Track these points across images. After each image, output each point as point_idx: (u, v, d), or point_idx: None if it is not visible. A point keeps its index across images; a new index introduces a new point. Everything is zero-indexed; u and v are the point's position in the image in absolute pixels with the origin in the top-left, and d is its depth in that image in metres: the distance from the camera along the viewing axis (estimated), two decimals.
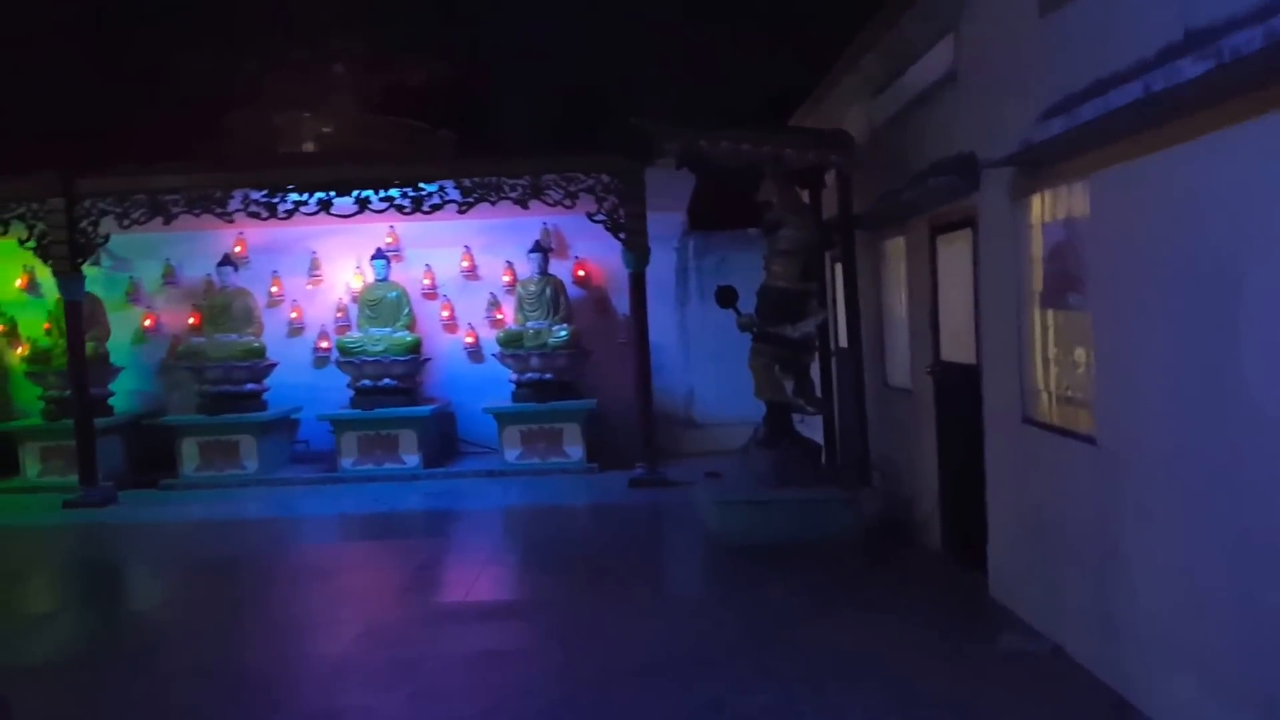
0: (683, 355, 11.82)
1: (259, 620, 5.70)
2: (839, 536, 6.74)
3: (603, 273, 11.59)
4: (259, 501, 9.37)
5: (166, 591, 6.48)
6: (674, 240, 11.75)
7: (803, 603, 5.60)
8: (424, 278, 11.48)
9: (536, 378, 10.66)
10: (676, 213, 11.47)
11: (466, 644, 5.10)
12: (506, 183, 9.58)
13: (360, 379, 10.58)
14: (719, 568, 6.58)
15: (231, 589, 6.37)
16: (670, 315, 11.70)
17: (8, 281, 11.18)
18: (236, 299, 10.88)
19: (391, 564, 7.02)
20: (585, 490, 9.52)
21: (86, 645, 5.32)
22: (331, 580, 6.54)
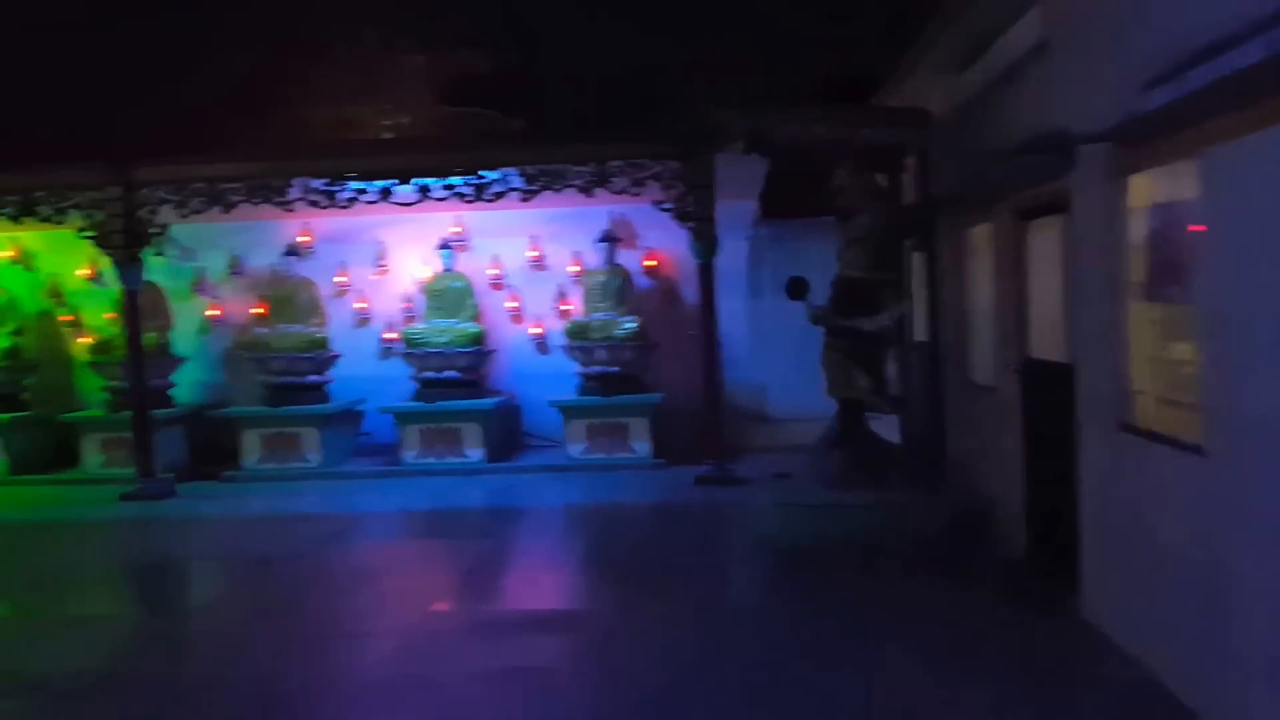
0: (755, 348, 11.45)
1: (289, 628, 5.57)
2: (913, 543, 6.35)
3: (673, 263, 11.30)
4: (317, 496, 9.37)
5: (202, 594, 6.45)
6: (746, 230, 11.39)
7: (871, 617, 5.25)
8: (491, 268, 11.36)
9: (602, 370, 10.44)
10: (748, 201, 11.09)
11: (499, 659, 4.88)
12: (571, 170, 9.37)
13: (424, 370, 10.51)
14: (782, 576, 6.26)
15: (271, 591, 6.28)
16: (742, 307, 11.34)
17: (73, 271, 11.42)
18: (301, 289, 10.92)
19: (440, 566, 6.88)
20: (650, 487, 9.27)
21: (99, 656, 5.18)
22: (375, 583, 6.41)
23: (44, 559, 7.50)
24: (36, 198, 9.38)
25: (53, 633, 5.57)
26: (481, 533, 7.79)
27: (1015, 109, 6.02)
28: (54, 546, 8.05)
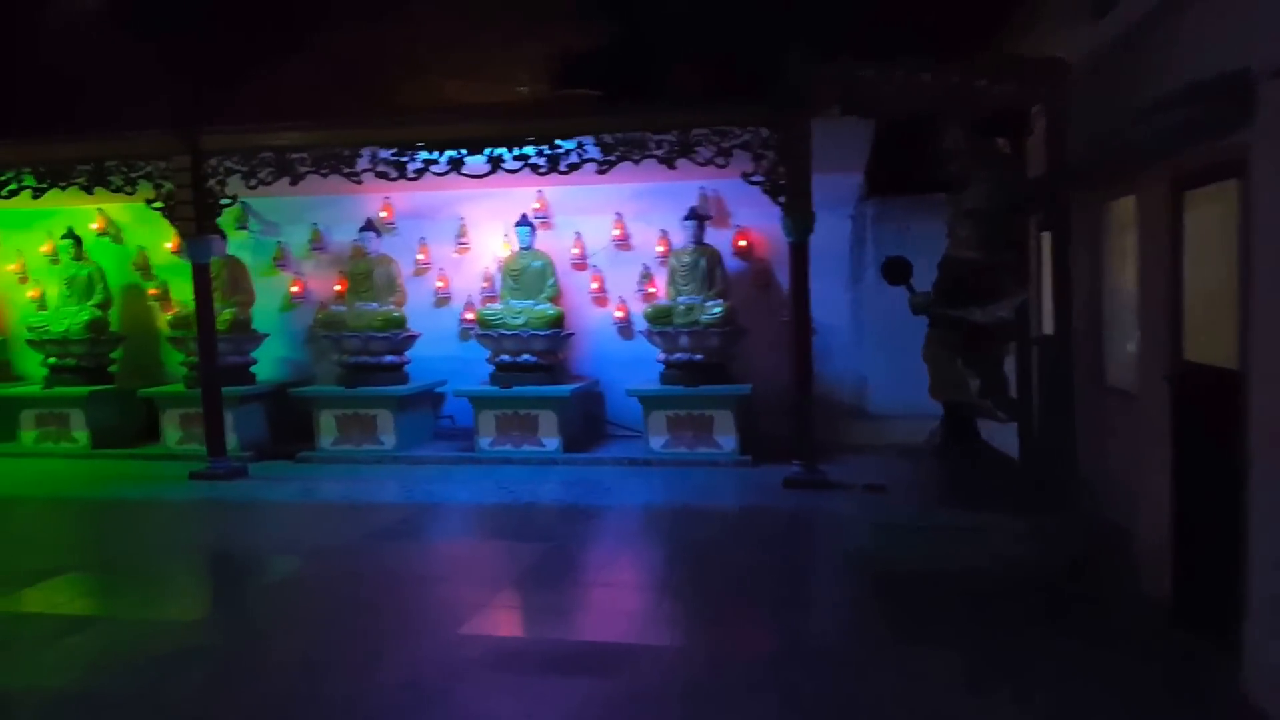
0: (855, 337, 10.33)
1: (296, 644, 4.88)
2: (1030, 575, 5.24)
3: (767, 243, 10.27)
4: (387, 482, 8.79)
5: (226, 594, 5.79)
6: (848, 206, 10.25)
7: (974, 669, 4.22)
8: (573, 246, 10.56)
9: (686, 358, 9.52)
10: (851, 174, 9.96)
11: (520, 706, 4.06)
12: (652, 139, 8.43)
13: (499, 354, 9.81)
14: (873, 610, 5.23)
15: (295, 595, 5.62)
16: (842, 292, 10.24)
17: (161, 244, 11.16)
18: (378, 266, 10.36)
19: (490, 572, 6.09)
20: (733, 488, 8.32)
21: (84, 668, 4.60)
22: (412, 590, 5.69)
23: (85, 541, 7.08)
24: (108, 167, 9.02)
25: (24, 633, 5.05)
26: (544, 534, 7.00)
27: (1171, 52, 4.79)
28: (100, 527, 7.67)
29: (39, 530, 7.57)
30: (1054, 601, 5.04)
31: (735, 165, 8.39)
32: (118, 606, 5.41)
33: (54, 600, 5.60)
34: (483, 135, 8.57)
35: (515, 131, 8.55)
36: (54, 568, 6.21)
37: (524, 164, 8.64)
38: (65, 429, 10.50)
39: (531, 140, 8.58)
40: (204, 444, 9.54)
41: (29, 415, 10.57)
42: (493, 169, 8.68)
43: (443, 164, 8.71)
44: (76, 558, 6.46)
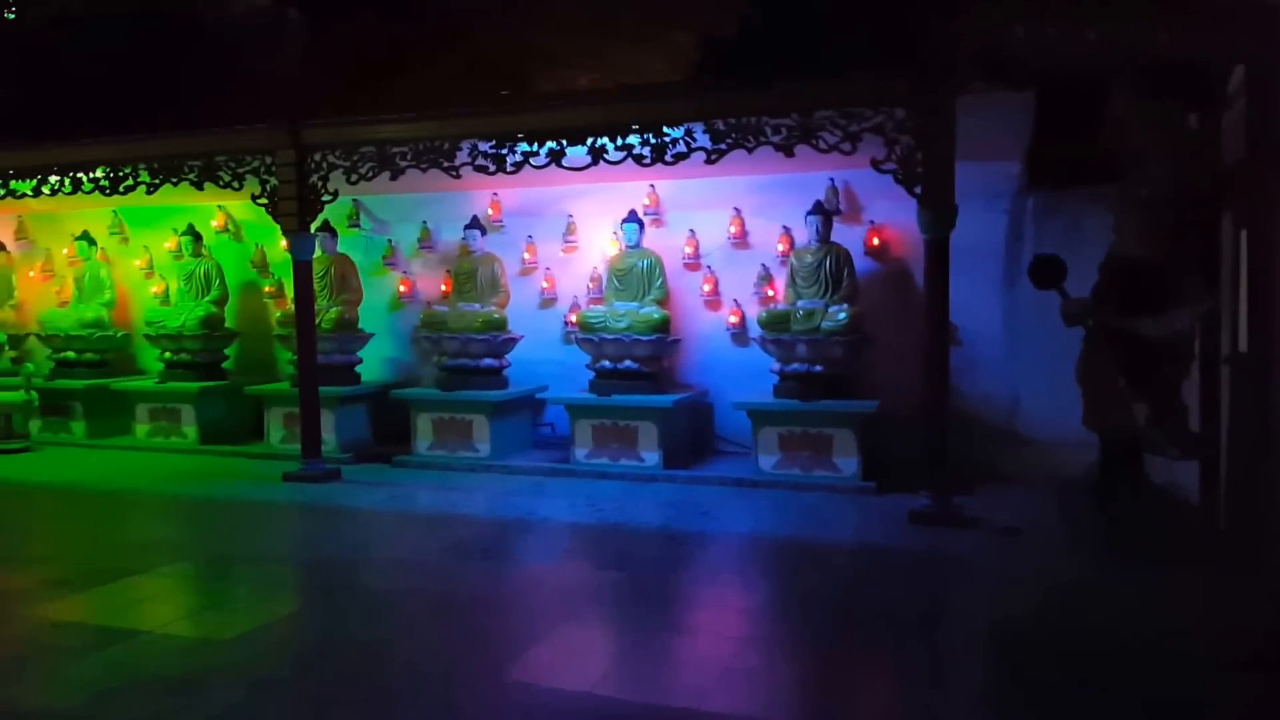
0: (1008, 349, 9.06)
1: (316, 675, 4.27)
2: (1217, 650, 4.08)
3: (905, 242, 9.17)
4: (475, 492, 8.24)
5: (271, 610, 5.22)
6: (1003, 199, 9.01)
7: None
8: (686, 245, 9.77)
9: (803, 369, 8.56)
10: (1007, 162, 8.74)
11: None
12: (768, 124, 7.54)
13: (599, 359, 9.13)
14: (1015, 692, 4.16)
15: (340, 616, 5.06)
16: (994, 297, 9.01)
17: (278, 241, 11.04)
18: (482, 265, 9.87)
19: (558, 602, 5.33)
20: (851, 520, 7.30)
21: (95, 691, 4.12)
22: (469, 617, 5.03)
23: (156, 543, 6.78)
24: (217, 162, 8.88)
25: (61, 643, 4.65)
26: (627, 561, 6.23)
27: None
28: (177, 528, 7.41)
29: (117, 528, 7.39)
30: (1244, 680, 3.88)
31: (865, 151, 7.40)
32: (162, 618, 4.99)
33: (104, 607, 5.26)
34: (583, 123, 7.90)
35: (617, 118, 7.84)
36: (117, 569, 5.93)
37: (627, 154, 7.92)
38: (176, 424, 10.51)
39: (636, 129, 7.85)
40: None
41: (143, 409, 10.65)
42: (594, 160, 8.00)
43: (542, 156, 8.09)
44: (141, 560, 6.15)
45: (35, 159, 9.46)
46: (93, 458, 10.06)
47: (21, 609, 5.19)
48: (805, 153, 7.55)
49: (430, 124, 8.24)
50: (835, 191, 9.24)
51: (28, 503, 8.34)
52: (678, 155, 7.83)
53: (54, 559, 6.29)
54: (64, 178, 9.42)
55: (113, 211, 11.85)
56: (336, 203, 10.46)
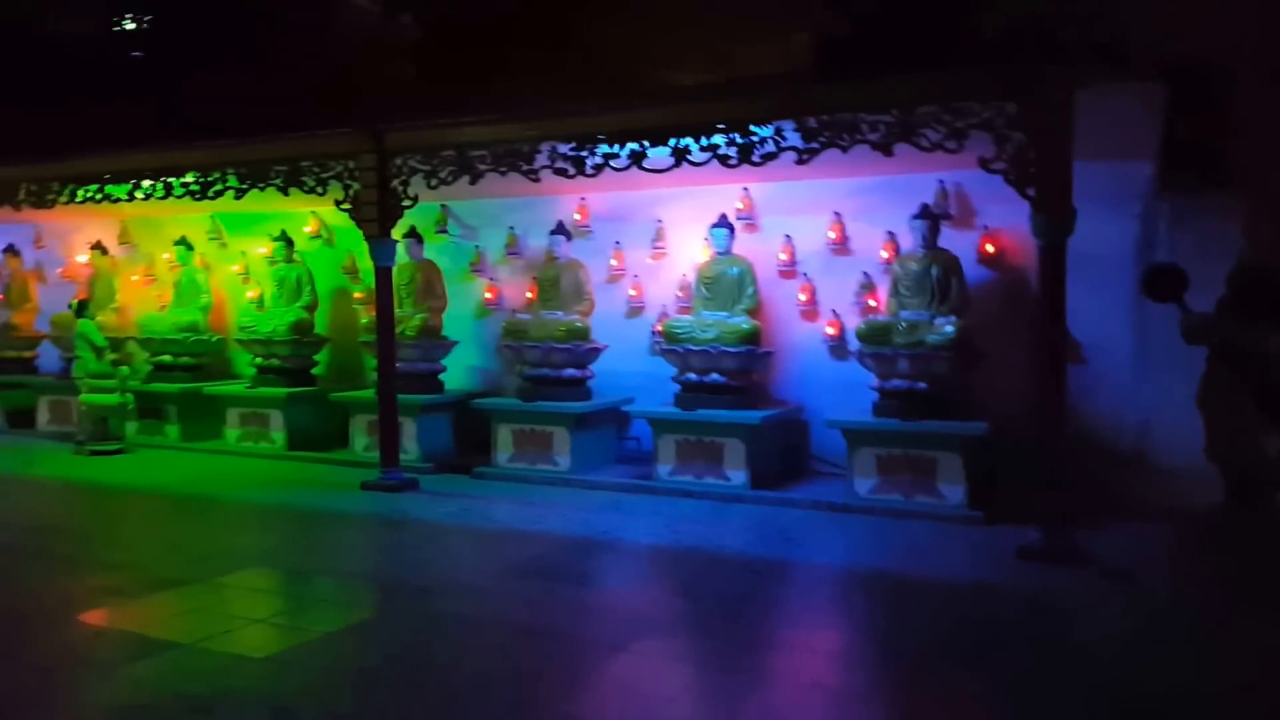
0: (1138, 368, 8.40)
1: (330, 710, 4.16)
2: None
3: (1023, 249, 8.62)
4: (550, 508, 8.10)
5: (312, 629, 5.13)
6: (1133, 203, 8.36)
7: None
8: (781, 251, 9.45)
9: (905, 386, 8.13)
10: (1136, 161, 8.12)
11: None
12: (864, 120, 7.18)
13: (685, 371, 8.89)
14: None
15: (375, 647, 4.88)
16: (1123, 311, 8.36)
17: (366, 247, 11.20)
18: (566, 272, 9.79)
19: (620, 639, 5.03)
20: (953, 553, 6.84)
21: (112, 710, 4.10)
22: (507, 650, 4.84)
23: (220, 551, 6.89)
24: (302, 167, 9.07)
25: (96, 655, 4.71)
26: (702, 592, 5.96)
27: None
28: (245, 535, 7.49)
29: (186, 533, 7.54)
30: None
31: (972, 150, 6.95)
32: (203, 631, 5.02)
33: (150, 616, 5.35)
34: (666, 123, 7.70)
35: (702, 116, 7.61)
36: (174, 578, 6.03)
37: (712, 155, 7.67)
38: (265, 429, 10.79)
39: (722, 128, 7.60)
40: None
41: (234, 414, 10.97)
42: (676, 162, 7.78)
43: (623, 158, 7.93)
44: (201, 569, 6.25)
45: (130, 163, 9.87)
46: (183, 461, 10.41)
47: (71, 614, 5.30)
48: (911, 152, 7.14)
49: (511, 126, 8.18)
50: (945, 194, 8.77)
51: (109, 505, 8.63)
52: (766, 155, 7.54)
53: (117, 564, 6.43)
54: (156, 182, 9.79)
55: (211, 217, 12.30)
56: (424, 209, 10.61)
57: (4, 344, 12.66)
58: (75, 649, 4.81)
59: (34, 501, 8.71)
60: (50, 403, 12.11)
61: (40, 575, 6.27)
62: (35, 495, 8.95)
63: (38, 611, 5.45)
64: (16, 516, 8.10)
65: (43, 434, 12.03)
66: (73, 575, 6.21)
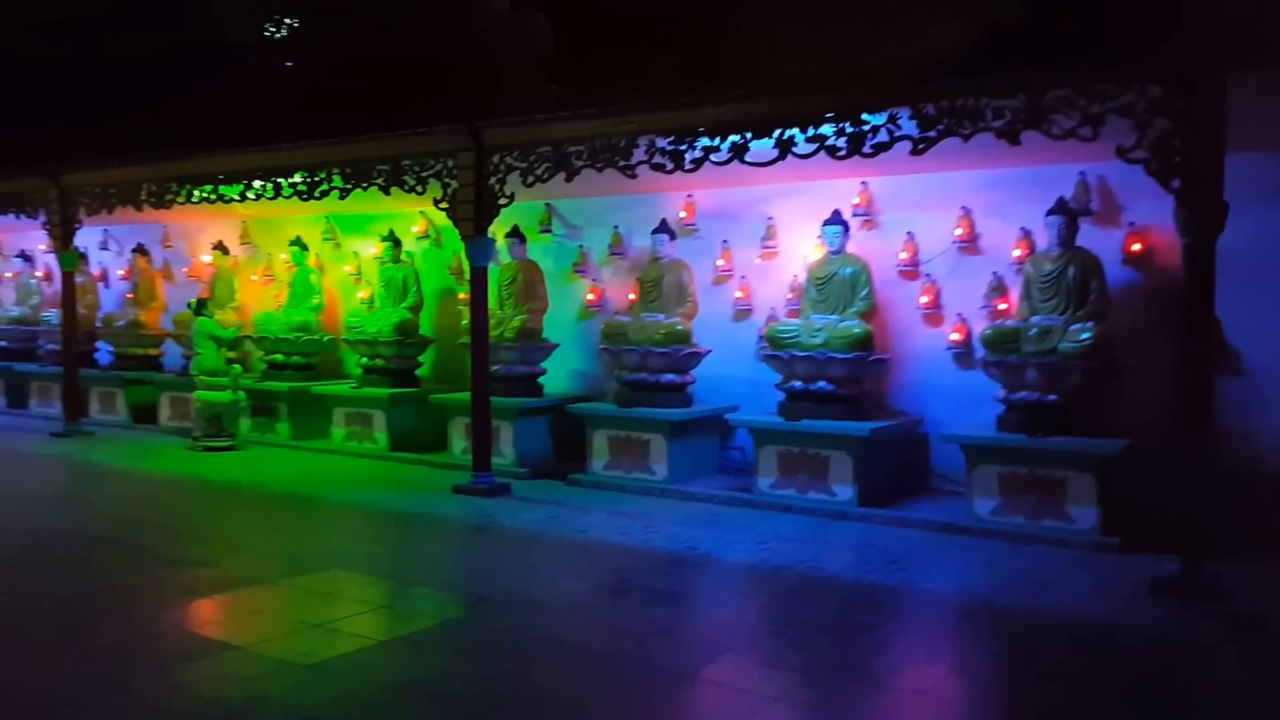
0: None
1: None
2: None
3: (1174, 249, 7.92)
4: (640, 519, 7.97)
5: (369, 638, 5.22)
6: None
7: None
8: (902, 250, 9.05)
9: (1033, 399, 7.65)
10: None
11: None
12: (988, 106, 6.76)
13: (790, 379, 8.61)
14: None
15: (427, 660, 4.82)
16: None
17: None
18: (668, 272, 9.64)
19: (690, 670, 4.81)
20: (1080, 584, 6.35)
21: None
22: (567, 676, 4.70)
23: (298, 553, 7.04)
24: (403, 166, 9.25)
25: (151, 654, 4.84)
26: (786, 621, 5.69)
27: None
28: (324, 537, 7.62)
29: (272, 533, 7.75)
30: None
31: (1109, 138, 6.45)
32: (262, 633, 5.11)
33: (216, 616, 5.53)
34: (770, 114, 7.47)
35: (809, 106, 7.34)
36: (250, 577, 6.21)
37: (819, 146, 7.39)
38: (368, 430, 11.07)
39: (830, 117, 7.32)
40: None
41: (340, 414, 11.31)
42: (781, 155, 7.53)
43: (724, 151, 7.73)
44: (277, 569, 6.41)
45: (241, 163, 10.31)
46: (289, 459, 10.79)
47: (136, 611, 5.50)
48: (1049, 142, 6.68)
49: (607, 120, 8.11)
50: (1086, 187, 8.21)
51: (206, 501, 8.98)
52: (878, 146, 7.21)
53: (198, 561, 6.65)
54: (266, 182, 10.19)
55: (326, 217, 12.75)
56: (528, 208, 10.71)
57: (131, 341, 13.46)
58: (130, 648, 4.95)
59: (136, 495, 9.14)
60: (171, 399, 12.78)
61: (120, 570, 6.53)
62: (139, 489, 9.40)
63: (105, 608, 5.67)
64: (115, 509, 8.53)
65: (164, 429, 12.70)
66: (151, 571, 6.46)
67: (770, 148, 7.53)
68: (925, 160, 7.99)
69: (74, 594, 5.90)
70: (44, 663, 4.72)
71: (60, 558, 6.84)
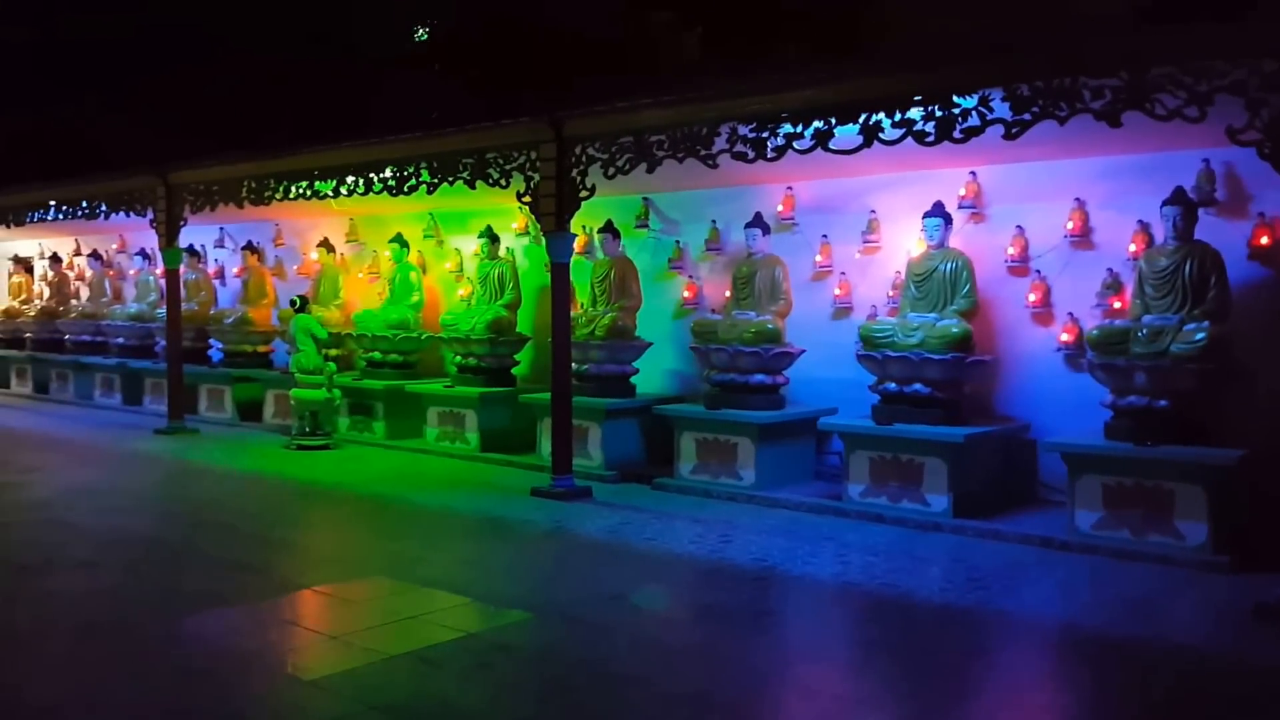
0: None
1: None
2: None
3: None
4: (720, 527, 8.15)
5: (370, 655, 5.29)
6: None
7: None
8: (1010, 245, 9.01)
9: (1142, 404, 7.54)
10: None
11: None
12: (1086, 85, 6.75)
13: (884, 380, 8.69)
14: None
15: (434, 681, 4.95)
16: None
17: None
18: (761, 268, 9.85)
19: (702, 702, 4.81)
20: (1184, 607, 6.26)
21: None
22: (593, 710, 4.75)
23: (348, 557, 7.52)
24: (488, 159, 9.78)
25: None
26: (849, 643, 5.82)
27: None
28: (381, 540, 8.03)
29: (333, 535, 8.29)
30: None
31: (1218, 118, 6.36)
32: (279, 644, 5.49)
33: (238, 627, 5.77)
34: (854, 98, 7.62)
35: (895, 89, 7.46)
36: (291, 582, 6.62)
37: (906, 131, 7.49)
38: (460, 429, 11.65)
39: (918, 100, 7.42)
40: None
41: (433, 413, 11.94)
42: (866, 141, 7.66)
43: (807, 139, 7.92)
44: (323, 575, 6.79)
45: (335, 159, 11.08)
46: (380, 459, 11.45)
47: (163, 618, 5.83)
48: (1169, 127, 6.61)
49: (688, 107, 8.41)
50: (1210, 175, 8.01)
51: (280, 501, 9.45)
52: (968, 130, 7.25)
53: (248, 565, 7.04)
54: (359, 178, 10.91)
55: (429, 214, 13.47)
56: (624, 202, 11.11)
57: (239, 338, 14.52)
58: (138, 659, 5.23)
59: (212, 495, 9.66)
60: (275, 396, 13.71)
61: (167, 572, 6.92)
62: (218, 488, 9.97)
63: (135, 613, 5.95)
64: (184, 509, 9.05)
65: (268, 427, 13.64)
66: (197, 574, 6.87)
67: (855, 134, 7.67)
68: (1036, 147, 8.03)
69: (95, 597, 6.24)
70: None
71: (111, 560, 7.17)
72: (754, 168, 8.64)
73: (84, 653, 5.37)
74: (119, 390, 16.15)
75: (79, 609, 6.08)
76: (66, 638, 5.61)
